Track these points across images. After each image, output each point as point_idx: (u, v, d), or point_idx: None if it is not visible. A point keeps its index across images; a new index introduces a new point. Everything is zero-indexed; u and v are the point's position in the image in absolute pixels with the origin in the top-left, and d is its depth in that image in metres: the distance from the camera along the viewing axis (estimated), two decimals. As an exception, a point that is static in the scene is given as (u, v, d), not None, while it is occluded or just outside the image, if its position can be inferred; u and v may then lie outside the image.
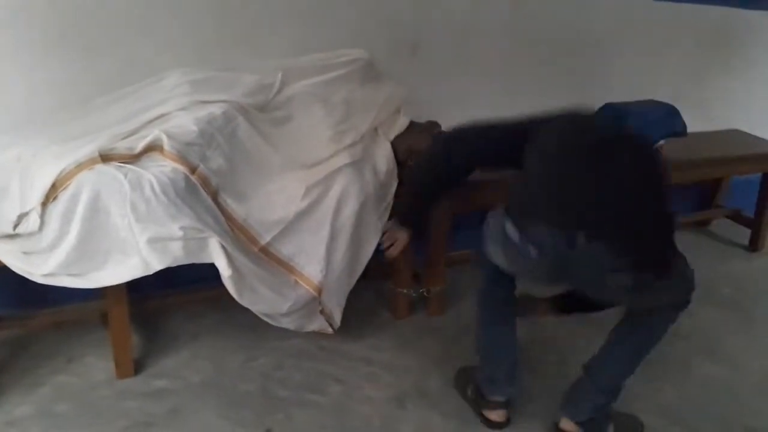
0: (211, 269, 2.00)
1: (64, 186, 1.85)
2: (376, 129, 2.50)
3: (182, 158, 1.99)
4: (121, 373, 2.20)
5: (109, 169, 1.88)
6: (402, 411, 2.15)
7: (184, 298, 2.53)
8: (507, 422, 2.11)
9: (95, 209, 1.87)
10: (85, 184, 1.85)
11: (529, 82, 3.16)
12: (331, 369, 2.33)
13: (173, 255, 1.93)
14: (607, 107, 2.99)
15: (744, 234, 3.63)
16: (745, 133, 3.72)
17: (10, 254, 1.93)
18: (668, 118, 3.07)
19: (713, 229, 3.83)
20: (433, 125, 2.55)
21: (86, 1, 2.26)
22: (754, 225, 3.59)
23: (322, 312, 2.28)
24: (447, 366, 2.36)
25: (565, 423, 2.05)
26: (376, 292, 2.76)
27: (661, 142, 3.06)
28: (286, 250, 2.19)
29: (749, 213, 3.63)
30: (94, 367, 2.25)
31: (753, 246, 3.59)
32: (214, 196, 2.06)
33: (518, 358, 2.10)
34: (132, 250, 1.91)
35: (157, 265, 1.92)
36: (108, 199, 1.87)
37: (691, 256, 2.14)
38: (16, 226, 1.89)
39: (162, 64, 2.40)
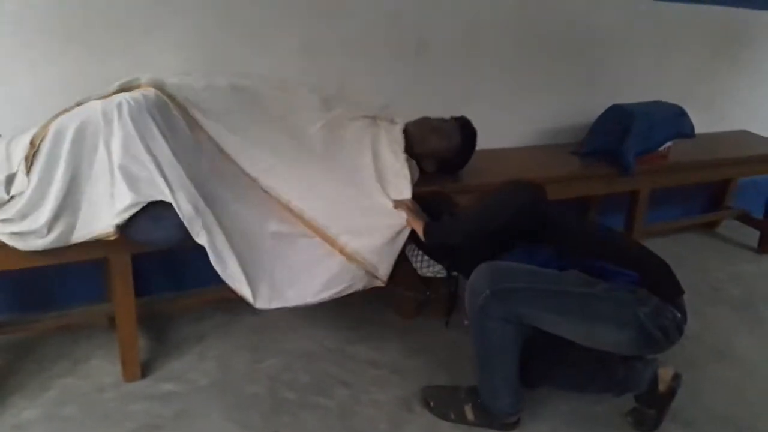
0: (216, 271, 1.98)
1: (41, 137, 1.85)
2: None
3: (158, 85, 1.98)
4: (128, 375, 2.19)
5: (82, 107, 1.89)
6: (409, 414, 2.15)
7: (190, 300, 2.53)
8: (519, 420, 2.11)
9: (78, 140, 1.85)
10: (59, 124, 1.85)
11: (535, 82, 3.16)
12: (338, 371, 2.32)
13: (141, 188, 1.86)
14: (614, 108, 2.99)
15: (753, 235, 3.61)
16: (754, 134, 3.71)
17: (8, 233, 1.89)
18: (676, 119, 3.08)
19: (721, 231, 3.81)
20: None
21: (94, 4, 2.26)
22: (762, 226, 3.57)
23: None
24: (454, 368, 2.35)
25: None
26: (382, 295, 2.75)
27: (669, 143, 3.07)
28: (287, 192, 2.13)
29: (758, 214, 3.61)
30: (101, 370, 2.25)
31: (761, 247, 3.57)
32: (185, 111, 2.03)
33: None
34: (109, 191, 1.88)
35: (126, 198, 1.84)
36: (86, 130, 1.85)
37: (700, 257, 2.14)
38: (9, 192, 1.86)
39: (169, 63, 2.40)
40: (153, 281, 2.56)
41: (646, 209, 3.14)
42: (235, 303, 2.04)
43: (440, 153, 2.50)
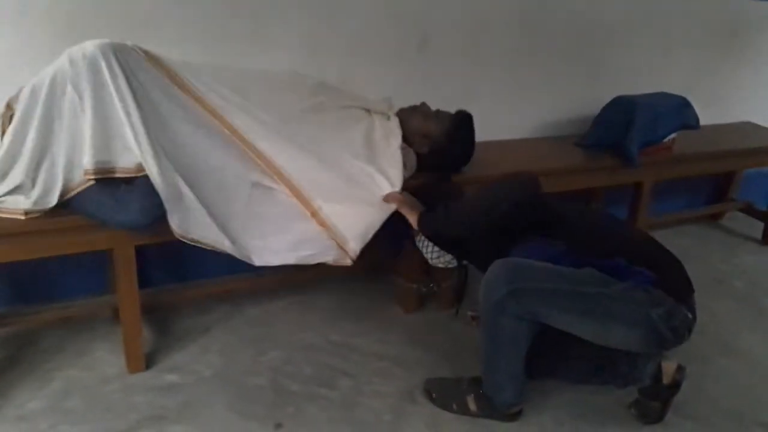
0: (220, 262, 1.98)
1: (17, 98, 1.90)
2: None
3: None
4: (132, 367, 2.20)
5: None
6: (413, 405, 2.15)
7: (194, 292, 2.53)
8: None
9: (51, 91, 1.87)
10: (35, 81, 1.89)
11: (539, 76, 3.15)
12: (341, 363, 2.32)
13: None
14: (618, 100, 2.98)
15: (757, 227, 3.60)
16: (758, 125, 3.70)
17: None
18: (680, 111, 3.07)
19: (726, 223, 3.80)
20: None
21: (96, 2, 2.26)
22: (766, 218, 3.56)
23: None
24: (457, 360, 2.36)
25: None
26: (385, 287, 2.76)
27: (673, 134, 3.06)
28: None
29: (762, 206, 3.60)
30: (105, 361, 2.25)
31: (766, 239, 3.56)
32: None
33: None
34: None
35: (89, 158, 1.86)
36: (56, 78, 1.87)
37: (704, 249, 2.14)
38: None
39: (169, 57, 2.40)
40: (156, 273, 2.56)
41: (649, 201, 3.13)
42: (238, 295, 2.05)
43: (428, 132, 2.45)
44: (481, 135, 2.54)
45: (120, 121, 1.88)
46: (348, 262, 2.15)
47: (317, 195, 2.12)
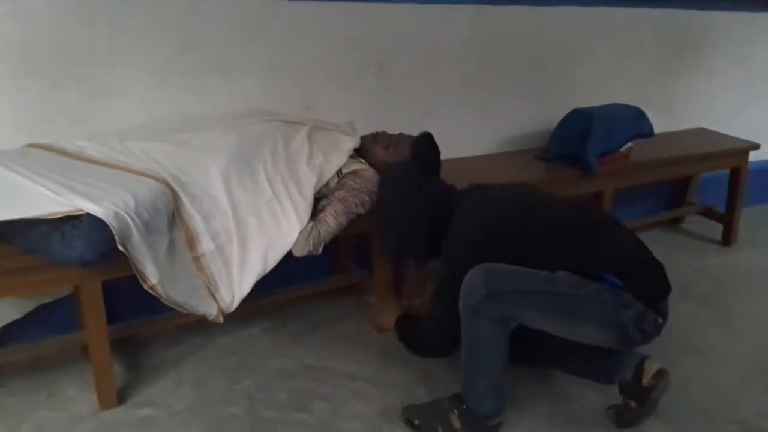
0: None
1: None
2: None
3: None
4: (105, 404, 2.16)
5: None
6: (390, 425, 2.15)
7: (164, 324, 2.50)
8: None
9: None
10: None
11: (497, 93, 3.22)
12: (317, 387, 2.32)
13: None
14: (574, 113, 3.05)
15: (717, 229, 3.69)
16: (710, 130, 3.80)
17: None
18: (635, 120, 3.15)
19: (686, 226, 3.89)
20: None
21: (53, 37, 2.26)
22: (725, 220, 3.65)
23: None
24: (433, 378, 2.36)
25: None
26: (358, 307, 2.76)
27: (629, 143, 3.13)
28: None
29: (720, 208, 3.69)
30: (76, 400, 2.21)
31: (726, 241, 3.65)
32: None
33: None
34: None
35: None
36: None
37: (666, 253, 2.18)
38: None
39: (131, 93, 2.42)
40: (125, 306, 2.52)
41: (611, 209, 3.20)
42: (209, 325, 2.04)
43: (388, 163, 2.49)
44: (442, 153, 2.58)
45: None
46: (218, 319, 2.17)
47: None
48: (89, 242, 1.87)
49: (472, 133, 3.18)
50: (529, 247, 2.04)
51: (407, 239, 2.28)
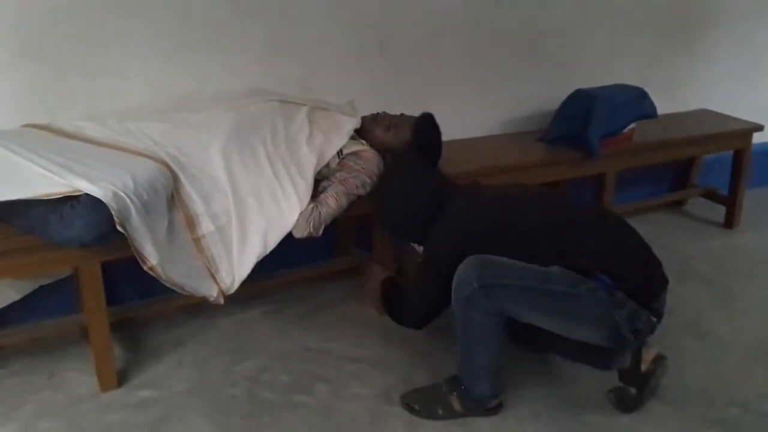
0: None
1: None
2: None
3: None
4: (105, 385, 2.17)
5: None
6: (391, 406, 2.15)
7: (164, 307, 2.50)
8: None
9: None
10: None
11: (499, 74, 3.18)
12: (317, 369, 2.32)
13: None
14: (576, 93, 3.03)
15: (719, 212, 3.67)
16: (713, 111, 3.77)
17: None
18: (637, 101, 3.12)
19: (689, 209, 3.86)
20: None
21: (50, 15, 2.23)
22: (728, 202, 3.63)
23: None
24: (434, 358, 2.37)
25: None
26: (358, 290, 2.76)
27: (632, 125, 3.10)
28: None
29: (723, 191, 3.67)
30: (77, 381, 2.22)
31: (728, 223, 3.63)
32: None
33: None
34: None
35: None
36: None
37: (668, 235, 2.17)
38: None
39: (129, 73, 2.40)
40: (125, 288, 2.52)
41: (613, 191, 3.18)
42: (210, 307, 2.04)
43: (389, 144, 2.49)
44: (444, 134, 2.56)
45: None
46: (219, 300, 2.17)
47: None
48: (88, 223, 1.85)
49: (473, 114, 3.15)
50: (520, 247, 2.02)
51: (402, 221, 2.29)
